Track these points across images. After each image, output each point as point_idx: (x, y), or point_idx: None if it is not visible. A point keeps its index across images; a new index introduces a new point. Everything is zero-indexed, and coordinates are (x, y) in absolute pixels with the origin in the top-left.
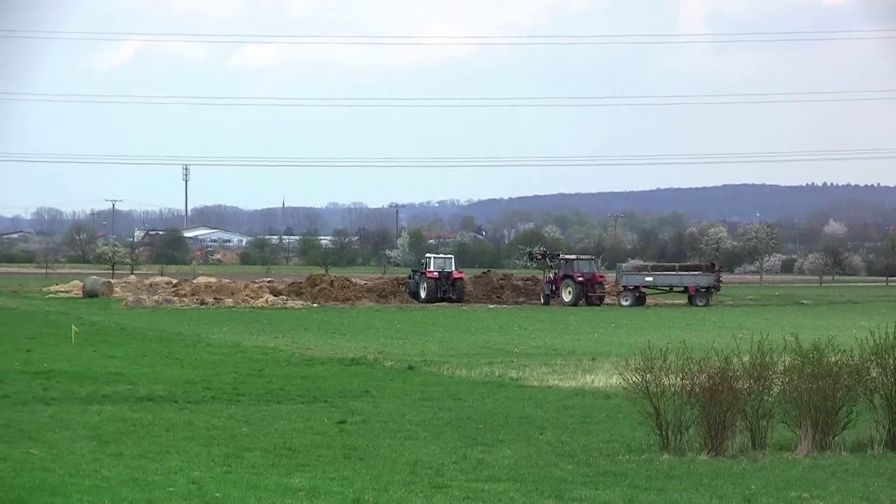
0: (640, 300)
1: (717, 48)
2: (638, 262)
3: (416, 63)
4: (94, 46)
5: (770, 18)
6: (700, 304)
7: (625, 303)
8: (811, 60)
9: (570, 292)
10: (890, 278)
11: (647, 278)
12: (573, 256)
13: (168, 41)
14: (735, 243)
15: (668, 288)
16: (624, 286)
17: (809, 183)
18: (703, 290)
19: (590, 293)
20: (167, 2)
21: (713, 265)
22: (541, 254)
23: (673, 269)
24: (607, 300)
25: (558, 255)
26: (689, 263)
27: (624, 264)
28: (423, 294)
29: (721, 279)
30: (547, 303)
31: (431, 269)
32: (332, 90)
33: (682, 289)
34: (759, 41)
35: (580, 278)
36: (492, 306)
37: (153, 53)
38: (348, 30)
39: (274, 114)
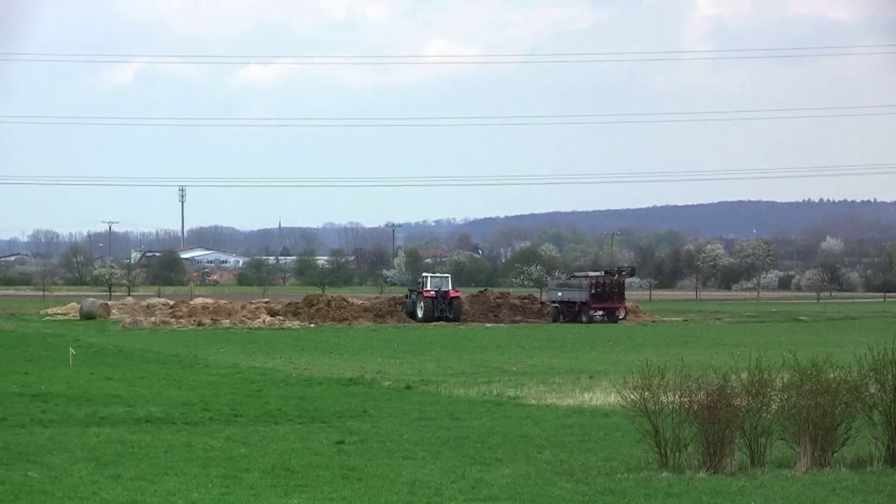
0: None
1: (718, 64)
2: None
3: (416, 82)
4: (95, 68)
5: (774, 33)
6: (583, 319)
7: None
8: (813, 75)
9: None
10: (888, 294)
11: (558, 293)
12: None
13: (169, 63)
14: (732, 260)
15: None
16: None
17: (806, 199)
18: (584, 305)
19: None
20: (170, 23)
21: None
22: (623, 270)
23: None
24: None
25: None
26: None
27: (551, 279)
28: (420, 313)
29: (618, 297)
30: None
31: (428, 288)
32: (331, 110)
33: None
34: (761, 57)
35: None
36: (489, 325)
37: (154, 74)
38: (350, 49)
39: (271, 134)
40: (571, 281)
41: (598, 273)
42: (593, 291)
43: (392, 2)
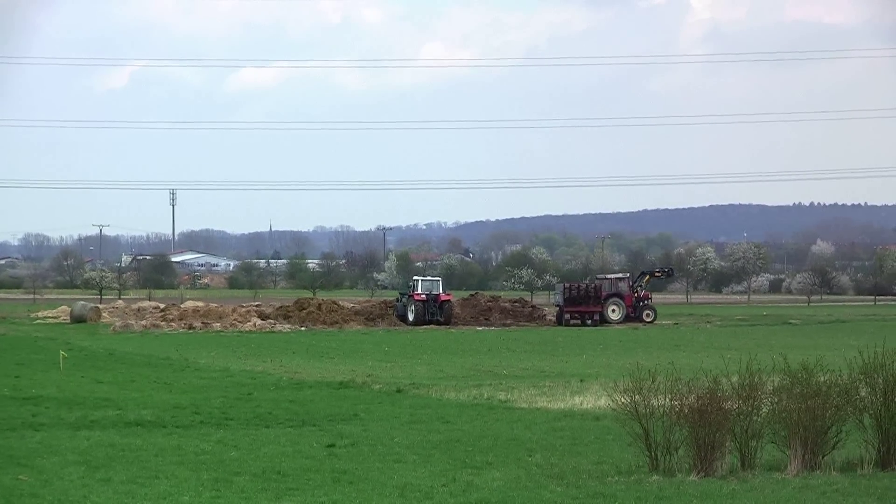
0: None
1: (713, 68)
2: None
3: (412, 85)
4: (90, 71)
5: (770, 37)
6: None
7: (551, 318)
8: (808, 79)
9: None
10: (878, 297)
11: (556, 296)
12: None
13: (164, 66)
14: (723, 263)
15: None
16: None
17: (797, 203)
18: (558, 307)
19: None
20: (165, 26)
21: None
22: (660, 271)
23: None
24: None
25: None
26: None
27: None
28: (410, 317)
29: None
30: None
31: (419, 291)
32: (326, 113)
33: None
34: (756, 61)
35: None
36: (480, 328)
37: (149, 77)
38: (346, 52)
39: (262, 137)
40: (557, 284)
41: (622, 275)
42: (566, 295)
43: (388, 5)
